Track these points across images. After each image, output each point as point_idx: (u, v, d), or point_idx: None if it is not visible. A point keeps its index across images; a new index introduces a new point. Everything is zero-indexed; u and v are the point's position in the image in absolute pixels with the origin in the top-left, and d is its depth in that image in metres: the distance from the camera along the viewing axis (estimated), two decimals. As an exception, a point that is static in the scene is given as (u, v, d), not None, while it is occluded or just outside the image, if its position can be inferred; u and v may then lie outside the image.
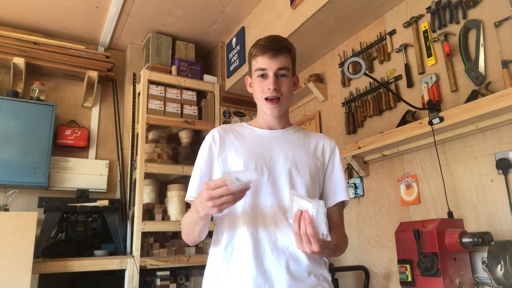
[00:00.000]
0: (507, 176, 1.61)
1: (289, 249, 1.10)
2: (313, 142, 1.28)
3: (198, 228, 1.11)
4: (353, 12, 2.30)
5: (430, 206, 1.94)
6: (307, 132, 1.33)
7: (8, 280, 2.12)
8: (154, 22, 3.20)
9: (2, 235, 2.19)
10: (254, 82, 1.23)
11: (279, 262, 1.08)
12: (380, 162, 2.26)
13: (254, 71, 1.21)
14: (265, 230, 1.11)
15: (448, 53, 1.85)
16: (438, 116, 1.71)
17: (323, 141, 1.29)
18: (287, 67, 1.20)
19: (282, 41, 1.21)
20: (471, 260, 1.50)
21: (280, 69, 1.18)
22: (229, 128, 1.29)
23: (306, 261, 1.11)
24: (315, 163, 1.23)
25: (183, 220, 1.21)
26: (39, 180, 2.78)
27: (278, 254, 1.09)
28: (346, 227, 2.47)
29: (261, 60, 1.18)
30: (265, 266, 1.08)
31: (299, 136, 1.29)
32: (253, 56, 1.22)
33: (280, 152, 1.20)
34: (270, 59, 1.17)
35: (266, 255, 1.09)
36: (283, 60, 1.19)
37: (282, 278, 1.06)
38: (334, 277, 2.15)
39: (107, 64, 3.26)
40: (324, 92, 2.76)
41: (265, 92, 1.19)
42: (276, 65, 1.17)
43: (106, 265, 2.57)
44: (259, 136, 1.25)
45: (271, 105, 1.20)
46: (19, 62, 2.89)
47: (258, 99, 1.23)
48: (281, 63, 1.18)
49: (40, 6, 2.94)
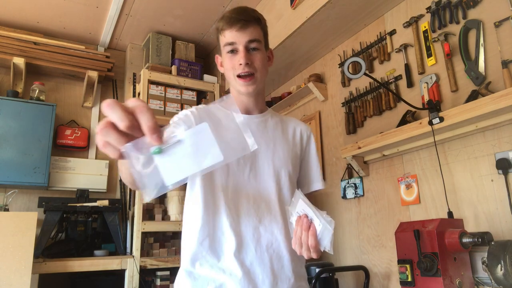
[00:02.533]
0: (507, 176, 1.61)
1: (273, 246, 1.04)
2: (291, 128, 1.21)
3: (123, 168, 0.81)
4: (353, 12, 2.30)
5: (430, 206, 1.94)
6: (282, 117, 1.24)
7: (8, 280, 2.12)
8: (154, 22, 3.20)
9: (2, 235, 2.19)
10: (224, 59, 1.11)
11: (263, 261, 1.01)
12: (380, 162, 2.26)
13: (223, 47, 1.09)
14: (248, 226, 1.03)
15: (448, 53, 1.85)
16: (438, 116, 1.71)
17: (299, 127, 1.23)
18: (258, 39, 1.08)
19: (249, 11, 1.09)
20: (471, 260, 1.50)
21: (251, 41, 1.06)
22: (204, 108, 1.15)
23: (289, 260, 1.05)
24: (295, 150, 1.17)
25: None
26: (39, 180, 2.78)
27: (262, 252, 1.02)
28: (346, 227, 2.49)
29: (228, 34, 1.06)
30: (248, 265, 1.00)
31: (277, 122, 1.20)
32: (220, 30, 1.09)
33: (261, 141, 1.11)
34: (239, 32, 1.05)
35: (250, 253, 1.01)
36: (253, 31, 1.07)
37: (266, 278, 1.00)
38: (334, 277, 2.15)
39: (107, 64, 3.26)
40: (324, 92, 2.76)
41: (236, 69, 1.07)
42: (245, 38, 1.06)
43: (106, 265, 2.57)
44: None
45: (245, 82, 1.08)
46: (19, 62, 2.89)
47: (230, 78, 1.11)
48: (251, 35, 1.06)
49: (40, 6, 2.94)
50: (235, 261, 0.99)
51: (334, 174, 2.60)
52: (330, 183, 2.64)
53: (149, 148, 0.54)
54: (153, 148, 0.54)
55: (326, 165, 2.70)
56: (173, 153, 0.55)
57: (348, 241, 2.45)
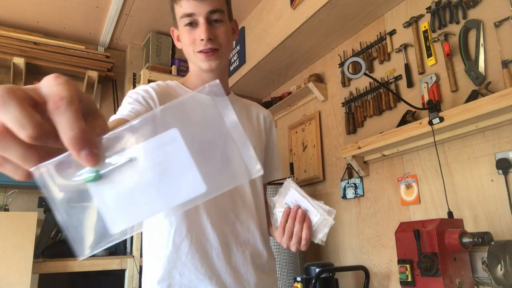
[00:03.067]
0: (507, 176, 1.61)
1: (250, 242, 0.98)
2: (254, 113, 1.13)
3: None
4: (353, 12, 2.30)
5: (430, 206, 1.94)
6: (245, 101, 1.15)
7: (8, 280, 2.12)
8: (154, 22, 3.20)
9: (2, 235, 2.19)
10: (181, 33, 0.95)
11: (245, 259, 0.95)
12: (380, 162, 2.26)
13: (180, 19, 0.93)
14: (226, 222, 0.95)
15: (448, 53, 1.85)
16: (438, 116, 1.71)
17: (262, 112, 1.14)
18: (220, 8, 0.93)
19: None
20: (471, 260, 1.50)
21: (213, 12, 0.92)
22: (166, 86, 1.00)
23: (266, 255, 1.01)
24: (261, 136, 1.10)
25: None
26: (39, 180, 2.78)
27: (243, 250, 0.96)
28: (346, 227, 2.49)
29: (186, 3, 0.91)
30: (233, 265, 0.93)
31: (242, 106, 1.11)
32: (175, 1, 0.93)
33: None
34: (198, 0, 0.90)
35: (233, 252, 0.94)
36: (215, 1, 0.92)
37: (250, 276, 0.95)
38: (334, 277, 2.15)
39: (107, 64, 3.26)
40: (324, 92, 2.76)
41: (197, 44, 0.93)
42: (206, 8, 0.91)
43: (106, 265, 2.57)
44: None
45: (207, 56, 0.93)
46: (19, 62, 2.89)
47: (190, 54, 0.96)
48: (212, 4, 0.92)
49: (40, 6, 2.94)
50: (220, 262, 0.91)
51: (334, 174, 2.60)
52: (330, 183, 2.64)
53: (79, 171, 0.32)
54: (85, 172, 0.32)
55: (326, 165, 2.70)
56: (120, 180, 0.32)
57: (348, 241, 2.45)
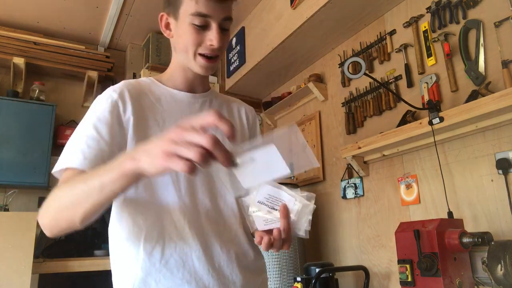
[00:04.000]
0: (507, 176, 1.61)
1: (235, 242, 0.92)
2: (235, 109, 1.07)
3: (99, 197, 0.65)
4: (353, 12, 2.30)
5: (430, 206, 1.94)
6: (225, 97, 1.10)
7: (8, 280, 2.12)
8: (154, 22, 3.18)
9: (2, 235, 2.19)
10: (183, 30, 0.87)
11: (230, 259, 0.89)
12: (380, 162, 2.26)
13: (189, 15, 0.85)
14: (209, 221, 0.88)
15: (448, 53, 1.85)
16: (438, 116, 1.71)
17: (243, 107, 1.09)
18: (231, 17, 0.89)
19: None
20: (471, 260, 1.50)
21: (226, 19, 0.87)
22: (138, 86, 0.93)
23: (252, 254, 0.95)
24: (243, 133, 1.04)
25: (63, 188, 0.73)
26: (39, 180, 2.78)
27: (228, 249, 0.89)
28: (346, 227, 2.49)
29: (204, 2, 0.83)
30: (216, 266, 0.86)
31: (221, 102, 1.05)
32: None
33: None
34: (218, 3, 0.84)
35: (216, 252, 0.87)
36: (230, 6, 0.88)
37: (236, 276, 0.89)
38: (334, 277, 2.15)
39: (107, 64, 3.26)
40: (324, 92, 2.76)
41: (203, 47, 0.87)
42: (222, 13, 0.85)
43: (106, 265, 2.57)
44: (180, 102, 0.94)
45: (208, 63, 0.89)
46: (19, 62, 2.89)
47: (188, 52, 0.88)
48: (228, 11, 0.87)
49: (40, 6, 2.94)
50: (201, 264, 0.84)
51: (334, 174, 2.60)
52: (330, 183, 2.64)
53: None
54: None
55: (326, 165, 2.70)
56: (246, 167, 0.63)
57: (348, 241, 2.45)
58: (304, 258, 2.50)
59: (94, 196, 0.65)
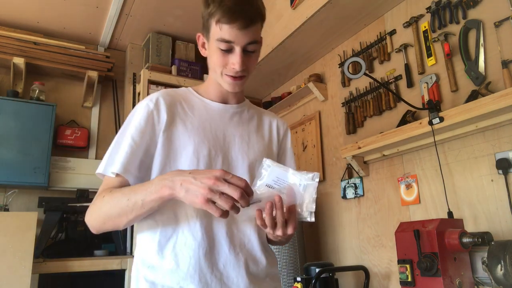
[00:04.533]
0: (507, 176, 1.61)
1: (246, 247, 0.94)
2: (267, 122, 1.13)
3: (140, 211, 0.83)
4: (353, 12, 2.30)
5: (430, 206, 1.94)
6: (259, 109, 1.16)
7: (8, 280, 2.12)
8: (154, 22, 3.20)
9: (2, 235, 2.19)
10: (212, 51, 0.94)
11: (238, 262, 0.91)
12: (380, 162, 2.26)
13: (215, 40, 0.91)
14: (220, 224, 0.91)
15: (448, 53, 1.85)
16: (438, 116, 1.71)
17: (275, 121, 1.14)
18: (257, 40, 0.93)
19: (254, 3, 0.91)
20: (471, 260, 1.50)
21: (250, 43, 0.91)
22: (175, 94, 1.03)
23: (264, 262, 0.97)
24: (270, 145, 1.09)
25: (109, 198, 0.87)
26: (39, 180, 2.78)
27: (237, 253, 0.91)
28: (346, 227, 2.49)
29: (227, 31, 0.88)
30: (220, 267, 0.89)
31: (253, 114, 1.11)
32: (215, 19, 0.89)
33: (236, 133, 1.02)
34: (240, 31, 0.88)
35: (223, 253, 0.90)
36: (255, 31, 0.91)
37: (241, 281, 0.90)
38: (334, 277, 2.15)
39: (107, 64, 3.26)
40: (324, 92, 2.76)
41: (227, 69, 0.94)
42: (246, 39, 0.90)
43: (106, 265, 2.57)
44: (210, 110, 1.02)
45: (234, 81, 0.95)
46: (19, 62, 2.89)
47: (216, 71, 0.97)
48: (252, 36, 0.90)
49: (40, 6, 2.94)
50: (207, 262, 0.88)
51: (334, 174, 2.60)
52: (330, 183, 2.64)
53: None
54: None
55: (326, 165, 2.70)
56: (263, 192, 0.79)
57: (348, 241, 2.45)
58: (304, 258, 2.51)
59: (137, 211, 0.83)
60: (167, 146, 0.93)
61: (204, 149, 0.94)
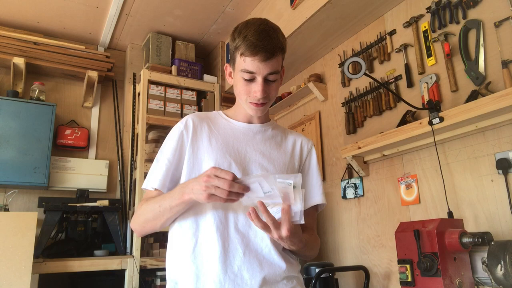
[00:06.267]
0: (507, 176, 1.61)
1: (263, 253, 1.01)
2: (291, 140, 1.19)
3: (170, 214, 1.00)
4: (353, 12, 2.30)
5: (430, 206, 1.94)
6: (285, 129, 1.24)
7: (8, 280, 2.12)
8: (154, 22, 3.20)
9: (2, 235, 2.19)
10: (237, 80, 1.07)
11: (251, 265, 0.98)
12: (380, 162, 2.26)
13: (240, 70, 1.03)
14: (237, 231, 1.00)
15: (448, 53, 1.85)
16: (438, 116, 1.71)
17: (300, 139, 1.21)
18: (278, 70, 1.04)
19: (275, 38, 1.01)
20: (471, 260, 1.50)
21: (271, 73, 1.02)
22: (204, 116, 1.17)
23: (284, 266, 1.02)
24: (293, 162, 1.15)
25: (146, 206, 1.04)
26: (39, 180, 2.78)
27: (252, 257, 0.99)
28: (346, 227, 2.49)
29: (250, 63, 1.00)
30: (235, 269, 0.97)
31: (277, 133, 1.19)
32: (240, 52, 1.01)
33: (256, 149, 1.10)
34: (261, 63, 0.99)
35: (237, 257, 0.98)
36: (275, 63, 1.02)
37: (255, 283, 0.97)
38: (334, 277, 2.15)
39: (107, 64, 3.26)
40: (324, 92, 2.76)
41: (251, 97, 1.05)
42: (267, 70, 1.00)
43: (106, 265, 2.57)
44: (235, 129, 1.13)
45: (257, 107, 1.07)
46: (19, 62, 2.89)
47: (241, 98, 1.09)
48: (273, 67, 1.01)
49: (40, 6, 2.94)
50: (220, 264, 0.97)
51: (334, 174, 2.61)
52: (330, 183, 2.64)
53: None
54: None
55: (326, 165, 2.70)
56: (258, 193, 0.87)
57: (348, 241, 2.45)
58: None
59: (167, 214, 1.00)
60: (192, 159, 1.07)
61: (225, 162, 1.05)
